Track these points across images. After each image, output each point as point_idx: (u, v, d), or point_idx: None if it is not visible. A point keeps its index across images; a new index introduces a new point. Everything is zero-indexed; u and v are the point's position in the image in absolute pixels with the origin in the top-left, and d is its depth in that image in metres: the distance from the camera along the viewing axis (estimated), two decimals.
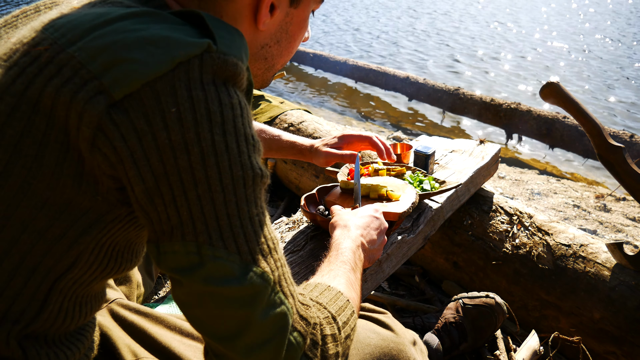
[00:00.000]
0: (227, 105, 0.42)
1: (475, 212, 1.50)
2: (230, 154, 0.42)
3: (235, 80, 0.44)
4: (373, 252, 0.80)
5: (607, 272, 1.23)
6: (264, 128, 1.09)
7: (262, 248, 0.44)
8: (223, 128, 0.42)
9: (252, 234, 0.44)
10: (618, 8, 11.95)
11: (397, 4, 11.35)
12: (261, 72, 0.62)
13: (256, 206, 0.45)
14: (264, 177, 0.46)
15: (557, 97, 1.22)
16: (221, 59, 0.43)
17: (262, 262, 0.44)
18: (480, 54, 6.91)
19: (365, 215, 0.83)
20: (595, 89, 5.50)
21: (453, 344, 1.16)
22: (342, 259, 0.68)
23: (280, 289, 0.45)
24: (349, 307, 0.57)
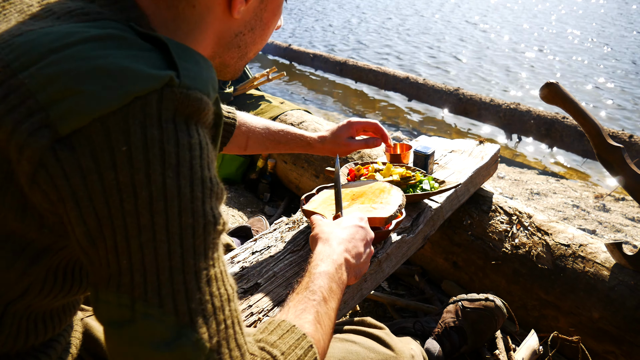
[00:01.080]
0: (184, 146, 0.39)
1: (474, 212, 1.50)
2: (181, 200, 0.39)
3: (198, 116, 0.41)
4: (359, 267, 0.73)
5: (606, 272, 1.23)
6: (269, 124, 1.09)
7: (205, 308, 0.39)
8: (177, 170, 0.39)
9: (195, 291, 0.39)
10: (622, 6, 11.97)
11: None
12: (234, 60, 0.59)
13: (205, 259, 0.40)
14: (217, 224, 0.42)
15: (557, 98, 1.23)
16: (183, 94, 0.39)
17: (202, 326, 0.39)
18: (480, 54, 6.92)
19: (349, 226, 0.76)
20: (595, 89, 5.51)
21: (453, 347, 1.16)
22: (312, 287, 0.61)
23: (219, 358, 0.40)
24: (310, 354, 0.51)
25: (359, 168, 1.30)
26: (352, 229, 0.76)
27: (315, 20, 9.12)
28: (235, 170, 2.34)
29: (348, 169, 1.32)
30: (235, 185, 2.35)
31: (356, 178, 1.27)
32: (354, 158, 1.92)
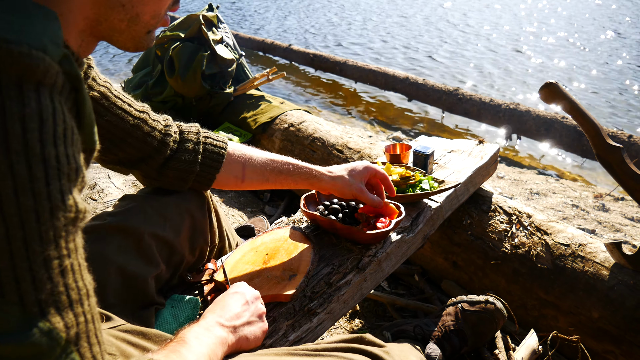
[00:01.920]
0: (13, 116, 0.34)
1: (474, 212, 1.50)
2: (16, 179, 0.34)
3: (33, 76, 0.35)
4: (245, 325, 0.71)
5: (605, 272, 1.24)
6: (271, 155, 0.98)
7: (59, 299, 0.36)
8: (6, 146, 0.33)
9: (44, 280, 0.35)
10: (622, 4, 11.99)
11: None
12: (125, 24, 0.52)
13: (57, 247, 0.36)
14: (68, 210, 0.37)
15: (556, 97, 1.23)
16: (3, 50, 0.33)
17: (54, 316, 0.35)
18: (479, 54, 6.93)
19: (228, 297, 0.75)
20: (595, 89, 5.52)
21: (454, 350, 1.16)
22: (178, 339, 0.60)
23: (77, 349, 0.36)
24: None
25: None
26: (229, 298, 0.75)
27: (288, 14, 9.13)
28: None
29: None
30: None
31: None
32: (354, 158, 1.92)
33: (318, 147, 2.07)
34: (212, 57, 2.48)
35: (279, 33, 8.02)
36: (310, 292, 0.90)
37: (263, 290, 0.85)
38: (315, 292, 0.90)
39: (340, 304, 0.93)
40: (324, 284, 0.92)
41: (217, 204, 1.03)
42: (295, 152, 2.15)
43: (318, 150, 2.07)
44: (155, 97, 2.56)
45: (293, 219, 1.16)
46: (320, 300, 0.89)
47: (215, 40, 2.51)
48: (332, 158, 1.99)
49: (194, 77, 2.40)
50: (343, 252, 1.00)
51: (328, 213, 1.06)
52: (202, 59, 2.41)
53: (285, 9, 10.40)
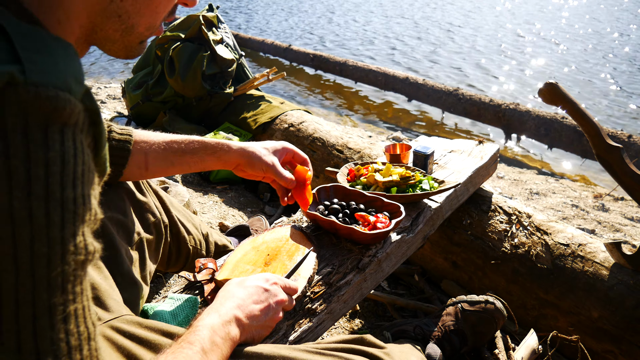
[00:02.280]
0: (38, 160, 0.33)
1: (474, 212, 1.50)
2: (33, 225, 0.34)
3: (59, 118, 0.35)
4: (257, 328, 0.70)
5: (605, 272, 1.24)
6: (173, 136, 0.92)
7: (57, 347, 0.35)
8: (28, 190, 0.33)
9: (46, 328, 0.34)
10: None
11: None
12: (119, 34, 0.51)
13: (63, 293, 0.36)
14: (78, 253, 0.37)
15: (556, 98, 1.23)
16: (32, 93, 0.33)
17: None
18: (479, 54, 6.93)
19: (249, 286, 0.73)
20: (594, 89, 5.52)
21: (454, 350, 1.16)
22: (191, 339, 0.58)
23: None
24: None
25: (358, 168, 1.30)
26: (251, 289, 0.73)
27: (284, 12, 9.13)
28: None
29: (348, 169, 1.32)
30: (236, 185, 2.35)
31: (356, 178, 1.27)
32: (354, 158, 1.93)
33: (318, 147, 2.07)
34: (212, 57, 2.48)
35: (279, 33, 8.01)
36: (310, 292, 0.90)
37: None
38: (315, 292, 0.90)
39: (340, 304, 0.94)
40: (324, 284, 0.92)
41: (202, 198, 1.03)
42: None
43: (318, 150, 2.07)
44: (155, 97, 2.56)
45: (293, 218, 1.16)
46: (320, 300, 0.89)
47: (216, 40, 2.51)
48: (332, 158, 2.00)
49: (194, 77, 2.41)
50: (343, 252, 1.01)
51: (328, 213, 1.06)
52: (202, 59, 2.41)
53: (286, 9, 10.40)
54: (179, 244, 1.04)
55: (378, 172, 1.25)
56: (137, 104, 2.59)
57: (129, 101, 2.66)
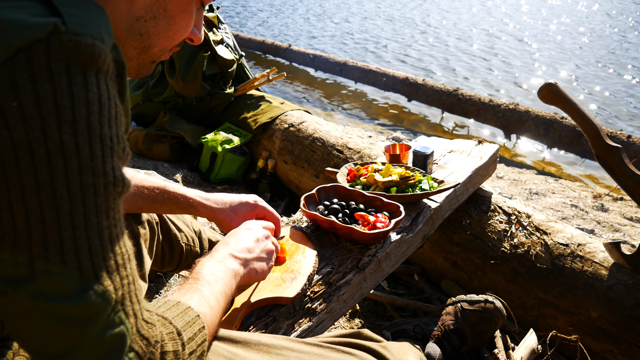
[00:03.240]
0: (80, 100, 0.38)
1: (473, 212, 1.51)
2: (80, 158, 0.38)
3: (95, 64, 0.39)
4: (254, 260, 0.74)
5: (604, 271, 1.24)
6: (144, 181, 0.90)
7: (109, 264, 0.41)
8: (74, 127, 0.37)
9: (98, 248, 0.40)
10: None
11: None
12: (137, 52, 0.56)
13: (107, 217, 0.41)
14: (117, 185, 0.41)
15: (555, 98, 1.23)
16: (73, 41, 0.37)
17: (106, 279, 0.40)
18: (478, 54, 6.93)
19: (237, 230, 0.78)
20: (594, 89, 5.52)
21: (454, 349, 1.17)
22: (194, 275, 0.64)
23: (122, 308, 0.42)
24: (198, 323, 0.53)
25: (358, 168, 1.31)
26: (238, 232, 0.78)
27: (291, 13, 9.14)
28: (236, 170, 2.34)
29: (348, 169, 1.32)
30: (236, 185, 2.36)
31: (356, 178, 1.28)
32: (353, 158, 1.93)
33: (318, 147, 2.08)
34: (213, 57, 2.48)
35: (280, 34, 8.02)
36: (310, 292, 0.90)
37: (265, 293, 0.85)
38: (315, 292, 0.90)
39: (340, 303, 0.94)
40: (324, 283, 0.93)
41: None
42: (295, 152, 2.16)
43: (318, 151, 2.07)
44: (155, 97, 2.56)
45: (293, 218, 1.17)
46: (320, 300, 0.89)
47: (216, 40, 2.51)
48: (332, 158, 2.00)
49: (194, 78, 2.41)
50: (343, 251, 1.01)
51: (328, 213, 1.06)
52: (203, 60, 2.41)
53: (286, 10, 10.40)
54: (171, 241, 1.04)
55: (378, 172, 1.25)
56: (137, 104, 2.59)
57: (130, 101, 2.66)
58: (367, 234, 0.98)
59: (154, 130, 2.49)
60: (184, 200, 0.91)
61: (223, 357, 0.61)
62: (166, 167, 2.38)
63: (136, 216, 0.94)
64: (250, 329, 0.80)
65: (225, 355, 0.61)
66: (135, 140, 2.48)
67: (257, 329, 0.81)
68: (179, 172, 2.36)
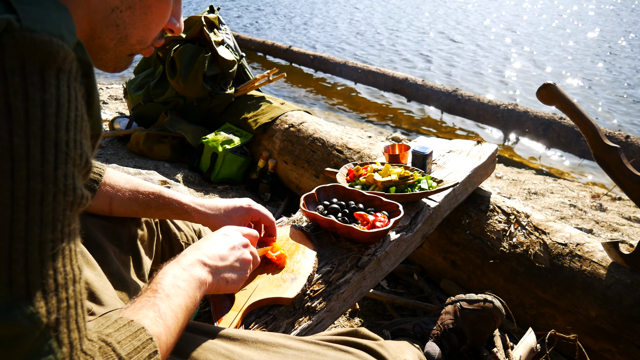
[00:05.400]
0: (35, 101, 0.36)
1: (473, 212, 1.51)
2: (30, 162, 0.35)
3: (54, 62, 0.37)
4: (226, 268, 0.69)
5: (603, 271, 1.25)
6: (139, 185, 0.90)
7: (46, 282, 0.37)
8: (26, 128, 0.35)
9: (36, 263, 0.36)
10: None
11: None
12: (114, 43, 0.54)
13: (53, 230, 0.37)
14: (68, 194, 0.38)
15: (554, 98, 1.24)
16: (27, 38, 0.35)
17: (39, 300, 0.36)
18: (478, 55, 6.94)
19: (212, 235, 0.74)
20: (593, 89, 5.53)
21: (453, 349, 1.17)
22: (153, 287, 0.59)
23: (55, 335, 0.37)
24: (148, 348, 0.49)
25: (357, 168, 1.31)
26: (214, 237, 0.74)
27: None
28: (237, 170, 2.35)
29: (347, 169, 1.33)
30: (236, 185, 2.37)
31: (355, 178, 1.29)
32: (353, 158, 1.94)
33: (318, 148, 2.09)
34: (214, 58, 2.49)
35: (280, 34, 8.03)
36: (310, 291, 0.91)
37: (265, 293, 0.85)
38: (314, 291, 0.91)
39: (339, 302, 0.94)
40: (324, 282, 0.93)
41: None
42: (295, 153, 2.16)
43: (318, 151, 2.08)
44: (156, 98, 2.57)
45: (293, 218, 1.17)
46: (320, 299, 0.90)
47: (217, 41, 2.52)
48: (332, 158, 2.01)
49: (195, 79, 2.42)
50: (342, 251, 1.02)
51: (327, 213, 1.07)
52: (204, 60, 2.42)
53: (286, 10, 10.41)
54: (171, 241, 1.05)
55: (377, 172, 1.26)
56: (138, 104, 2.60)
57: (131, 102, 2.67)
58: (367, 233, 0.98)
59: (155, 130, 2.49)
60: (179, 206, 0.89)
61: (220, 355, 0.61)
62: (167, 167, 2.39)
63: (134, 217, 0.94)
64: (250, 328, 0.81)
65: (223, 353, 0.61)
66: (136, 140, 2.49)
67: (257, 327, 0.81)
68: (180, 172, 2.36)
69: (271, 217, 0.94)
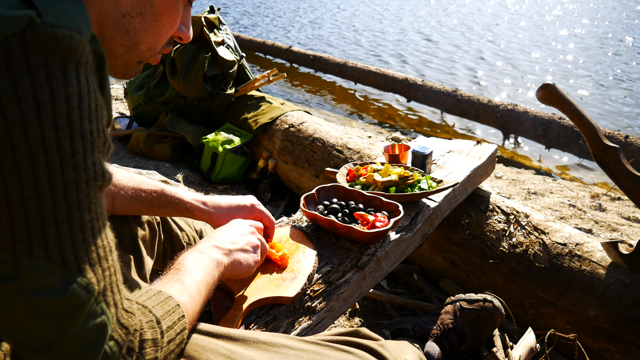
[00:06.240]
0: (60, 95, 0.38)
1: (472, 212, 1.52)
2: (62, 153, 0.38)
3: (74, 56, 0.39)
4: (240, 251, 0.75)
5: (602, 271, 1.25)
6: (141, 184, 0.90)
7: (91, 257, 0.42)
8: (55, 122, 0.38)
9: (81, 242, 0.41)
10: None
11: None
12: (124, 50, 0.55)
13: (90, 211, 0.41)
14: (98, 179, 0.42)
15: (553, 99, 1.24)
16: (49, 34, 0.37)
17: (89, 272, 0.41)
18: (478, 55, 6.95)
19: (225, 226, 0.80)
20: (592, 90, 5.53)
21: (452, 348, 1.17)
22: (176, 266, 0.64)
23: (104, 299, 0.43)
24: (177, 312, 0.54)
25: (357, 168, 1.32)
26: (225, 227, 0.80)
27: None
28: (237, 170, 2.35)
29: (347, 169, 1.33)
30: (237, 185, 2.37)
31: (355, 178, 1.29)
32: (353, 158, 1.94)
33: (318, 148, 2.09)
34: (214, 58, 2.49)
35: (280, 35, 8.03)
36: (310, 291, 0.91)
37: (265, 292, 0.85)
38: (315, 291, 0.91)
39: (339, 302, 0.95)
40: (324, 282, 0.94)
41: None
42: (295, 153, 2.17)
43: (318, 151, 2.08)
44: (157, 98, 2.57)
45: (293, 218, 1.17)
46: (320, 299, 0.90)
47: (217, 41, 2.53)
48: (332, 158, 2.01)
49: (195, 79, 2.42)
50: (342, 251, 1.02)
51: (328, 213, 1.07)
52: (204, 61, 2.42)
53: (286, 11, 10.41)
54: (172, 241, 1.05)
55: (377, 172, 1.27)
56: (139, 104, 2.60)
57: (131, 102, 2.68)
58: (366, 233, 0.99)
59: (156, 130, 2.50)
60: (181, 204, 0.90)
61: (221, 355, 0.61)
62: (167, 167, 2.39)
63: (136, 217, 0.94)
64: (250, 328, 0.81)
65: (224, 353, 0.61)
66: (136, 140, 2.49)
67: (257, 327, 0.81)
68: (180, 172, 2.37)
69: (272, 218, 0.95)
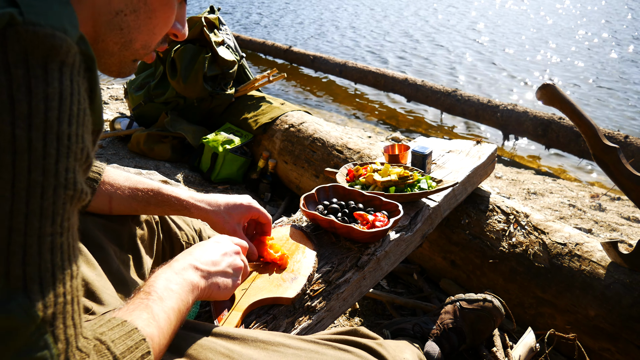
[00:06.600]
0: (38, 94, 0.36)
1: (472, 212, 1.52)
2: (31, 154, 0.35)
3: (57, 56, 0.37)
4: (218, 274, 0.69)
5: (602, 271, 1.25)
6: (138, 183, 0.89)
7: (43, 276, 0.36)
8: (29, 121, 0.35)
9: (34, 256, 0.36)
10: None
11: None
12: (118, 48, 0.54)
13: (53, 223, 0.37)
14: (68, 188, 0.38)
15: (553, 99, 1.25)
16: (30, 32, 0.35)
17: (35, 293, 0.36)
18: (478, 55, 6.95)
19: (205, 242, 0.75)
20: (592, 90, 5.54)
21: (452, 348, 1.18)
22: (146, 289, 0.58)
23: (51, 330, 0.37)
24: (141, 348, 0.48)
25: (357, 168, 1.32)
26: (206, 244, 0.74)
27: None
28: (237, 170, 2.35)
29: (347, 169, 1.34)
30: (237, 185, 2.37)
31: (355, 178, 1.29)
32: (353, 159, 1.94)
33: (318, 148, 2.09)
34: (214, 58, 2.49)
35: (280, 35, 8.03)
36: (310, 290, 0.91)
37: (265, 293, 0.85)
38: (314, 290, 0.91)
39: (339, 301, 0.95)
40: (324, 282, 0.94)
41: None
42: (295, 153, 2.17)
43: (318, 151, 2.08)
44: (157, 98, 2.57)
45: (293, 218, 1.18)
46: (320, 298, 0.90)
47: (217, 42, 2.53)
48: (332, 158, 2.01)
49: (195, 79, 2.42)
50: (342, 250, 1.02)
51: (327, 212, 1.08)
52: (204, 61, 2.42)
53: (287, 11, 10.42)
54: (171, 240, 1.05)
55: (377, 172, 1.27)
56: (139, 104, 2.61)
57: (131, 102, 2.68)
58: (366, 233, 0.99)
59: (156, 130, 2.50)
60: (178, 202, 0.89)
61: (220, 353, 0.61)
62: (167, 167, 2.39)
63: (134, 217, 0.94)
64: (250, 327, 0.81)
65: (223, 352, 0.61)
66: (137, 140, 2.49)
67: (257, 326, 0.82)
68: (180, 172, 2.37)
69: (269, 216, 0.95)
